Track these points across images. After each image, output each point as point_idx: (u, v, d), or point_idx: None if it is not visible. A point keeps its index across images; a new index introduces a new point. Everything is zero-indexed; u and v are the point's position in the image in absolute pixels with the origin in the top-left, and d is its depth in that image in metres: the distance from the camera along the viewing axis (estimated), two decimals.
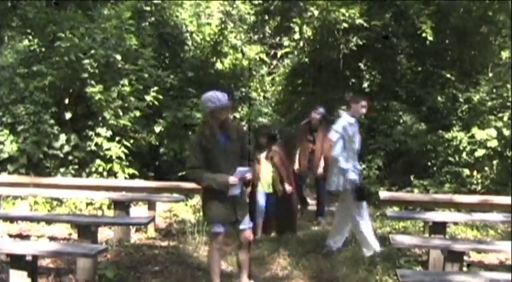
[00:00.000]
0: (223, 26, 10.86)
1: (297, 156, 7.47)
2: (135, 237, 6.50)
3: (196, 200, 7.87)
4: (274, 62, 14.85)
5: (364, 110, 5.67)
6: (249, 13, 12.46)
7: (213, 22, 11.17)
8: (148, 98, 8.61)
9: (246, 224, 4.43)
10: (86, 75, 8.06)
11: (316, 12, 10.84)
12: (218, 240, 4.39)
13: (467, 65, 11.16)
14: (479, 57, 11.19)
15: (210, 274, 4.44)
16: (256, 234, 5.94)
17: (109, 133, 8.18)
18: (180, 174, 8.50)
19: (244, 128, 5.61)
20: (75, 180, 7.67)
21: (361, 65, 11.13)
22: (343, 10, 10.37)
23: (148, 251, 5.79)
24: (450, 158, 9.35)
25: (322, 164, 7.18)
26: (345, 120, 5.56)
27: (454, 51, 11.24)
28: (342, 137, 5.48)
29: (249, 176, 4.28)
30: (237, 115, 9.88)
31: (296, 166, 7.40)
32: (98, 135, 8.15)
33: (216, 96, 4.16)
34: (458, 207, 6.80)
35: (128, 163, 8.27)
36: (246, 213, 4.46)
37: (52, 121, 8.05)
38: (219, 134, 4.23)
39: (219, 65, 10.63)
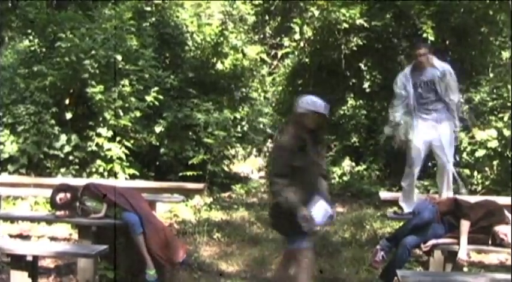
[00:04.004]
0: (223, 26, 10.86)
1: None
2: None
3: (197, 200, 7.87)
4: (275, 62, 14.85)
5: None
6: (249, 13, 12.46)
7: (213, 22, 11.16)
8: (148, 98, 8.61)
9: None
10: (86, 75, 8.06)
11: (316, 13, 10.84)
12: (307, 256, 3.78)
13: (467, 65, 11.15)
14: (480, 57, 11.19)
15: None
16: None
17: (109, 133, 8.17)
18: (180, 174, 8.51)
19: None
20: (76, 181, 7.65)
21: (362, 66, 11.12)
22: (343, 10, 10.37)
23: None
24: None
25: None
26: None
27: (454, 51, 11.23)
28: None
29: (333, 218, 3.74)
30: (238, 115, 9.88)
31: None
32: (98, 135, 8.15)
33: (318, 103, 3.68)
34: None
35: (128, 163, 8.27)
36: None
37: (53, 121, 8.05)
38: (311, 143, 3.69)
39: (219, 66, 10.62)
